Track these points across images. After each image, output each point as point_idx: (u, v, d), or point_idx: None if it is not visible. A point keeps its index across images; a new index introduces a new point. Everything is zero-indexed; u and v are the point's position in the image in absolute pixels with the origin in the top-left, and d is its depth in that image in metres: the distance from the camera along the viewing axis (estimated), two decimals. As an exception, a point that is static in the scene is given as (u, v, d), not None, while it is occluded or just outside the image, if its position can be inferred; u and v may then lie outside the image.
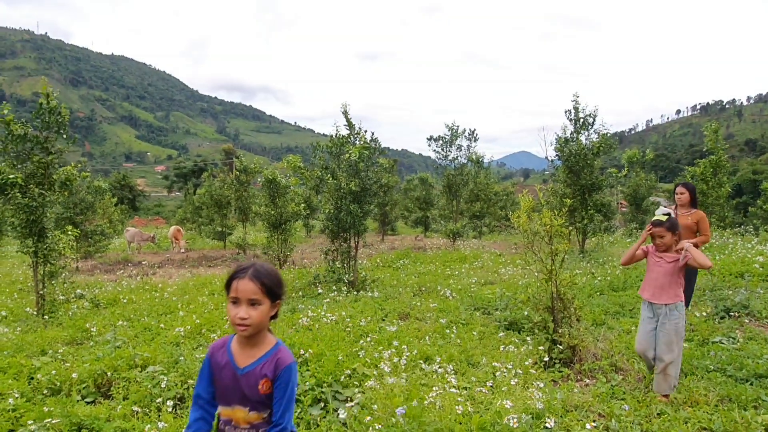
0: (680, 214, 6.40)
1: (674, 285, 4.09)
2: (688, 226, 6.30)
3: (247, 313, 1.84)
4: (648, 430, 3.47)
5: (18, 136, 7.98)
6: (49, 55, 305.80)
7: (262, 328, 1.90)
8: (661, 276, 4.11)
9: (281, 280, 1.93)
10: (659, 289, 4.11)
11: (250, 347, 1.92)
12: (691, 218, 6.34)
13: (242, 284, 1.86)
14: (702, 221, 6.30)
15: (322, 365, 4.54)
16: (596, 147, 12.56)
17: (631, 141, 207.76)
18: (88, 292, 9.84)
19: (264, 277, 1.87)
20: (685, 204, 6.44)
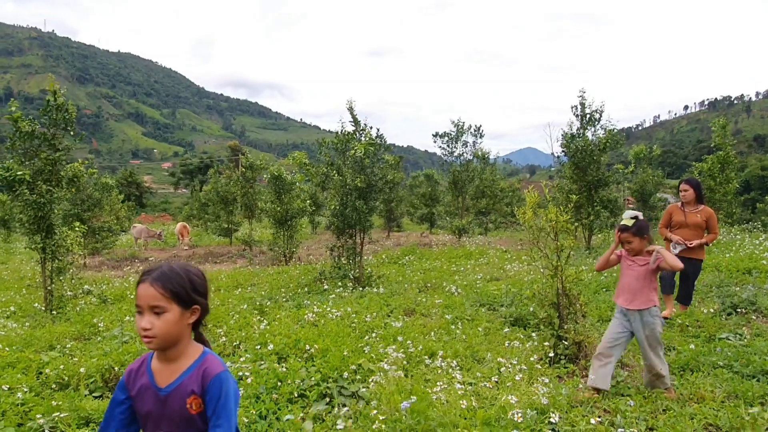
0: (688, 212, 6.35)
1: (647, 289, 3.99)
2: (698, 224, 6.24)
3: (149, 323, 1.59)
4: (653, 426, 3.47)
5: (26, 133, 8.04)
6: (56, 52, 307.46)
7: (176, 339, 1.64)
8: (633, 280, 4.02)
9: (195, 281, 1.68)
10: (632, 294, 4.02)
11: (169, 362, 1.66)
12: (700, 216, 6.26)
13: (142, 289, 1.62)
14: (711, 218, 6.24)
15: (328, 360, 4.55)
16: (603, 143, 12.51)
17: (638, 137, 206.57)
18: (96, 288, 9.90)
19: (167, 281, 1.62)
20: (691, 201, 6.35)
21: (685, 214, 6.38)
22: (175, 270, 1.66)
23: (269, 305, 7.55)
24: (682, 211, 6.43)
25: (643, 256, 4.01)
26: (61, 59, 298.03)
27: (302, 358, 4.81)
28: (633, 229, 3.96)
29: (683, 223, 6.35)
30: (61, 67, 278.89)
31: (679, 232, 6.36)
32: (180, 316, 1.62)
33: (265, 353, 4.88)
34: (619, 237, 4.03)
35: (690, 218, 6.33)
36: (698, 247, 6.28)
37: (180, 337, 1.64)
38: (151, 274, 1.63)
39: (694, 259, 6.32)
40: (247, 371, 4.33)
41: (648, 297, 3.98)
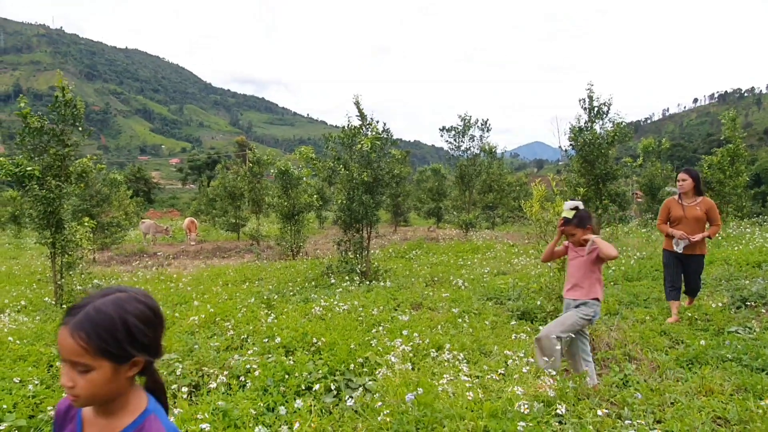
0: (686, 204, 5.96)
1: (588, 280, 3.88)
2: (698, 217, 5.86)
3: (71, 380, 1.20)
4: (661, 419, 3.46)
5: (35, 128, 8.10)
6: (65, 49, 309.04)
7: (109, 398, 1.25)
8: (575, 271, 3.95)
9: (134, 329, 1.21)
10: (574, 285, 3.95)
11: (105, 416, 1.28)
12: (699, 207, 5.89)
13: (61, 337, 1.20)
14: (712, 210, 5.88)
15: (335, 354, 4.58)
16: (611, 136, 12.42)
17: (647, 130, 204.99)
18: (105, 283, 9.98)
19: (93, 331, 1.18)
20: (688, 192, 5.98)
21: (684, 208, 5.99)
22: (105, 313, 1.20)
23: (277, 299, 7.59)
24: (680, 204, 6.04)
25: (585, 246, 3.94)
26: (69, 56, 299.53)
27: (309, 352, 4.83)
28: (575, 221, 3.88)
29: (682, 217, 5.96)
30: (70, 63, 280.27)
31: (679, 227, 5.98)
32: (112, 374, 1.21)
33: (272, 346, 4.90)
34: (562, 230, 3.95)
35: (689, 212, 5.94)
36: (700, 242, 5.91)
37: (116, 394, 1.25)
38: (74, 317, 1.20)
39: (696, 255, 5.99)
40: (255, 364, 4.36)
41: (590, 288, 3.89)
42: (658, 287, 7.39)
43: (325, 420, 3.51)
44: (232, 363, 4.52)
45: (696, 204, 5.93)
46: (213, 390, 3.98)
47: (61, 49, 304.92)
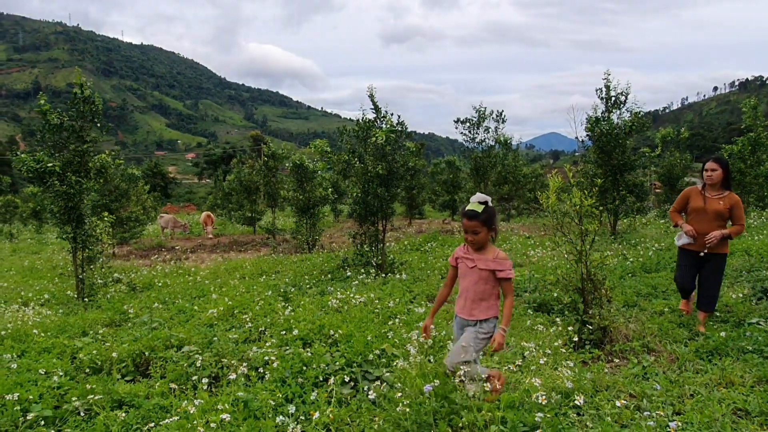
0: (710, 196, 5.30)
1: (486, 295, 3.34)
2: (719, 212, 5.18)
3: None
4: (681, 411, 3.43)
5: (54, 125, 8.24)
6: (82, 46, 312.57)
7: None
8: (472, 285, 3.35)
9: None
10: (470, 301, 3.37)
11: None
12: (723, 202, 5.19)
13: None
14: (737, 207, 5.19)
15: (352, 346, 4.61)
16: (628, 126, 12.26)
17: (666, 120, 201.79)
18: (125, 277, 10.14)
19: None
20: (717, 184, 5.28)
21: (705, 200, 5.30)
22: None
23: (293, 292, 7.65)
24: (702, 195, 5.36)
25: (485, 253, 3.34)
26: (86, 53, 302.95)
27: (326, 344, 4.87)
28: (483, 216, 3.27)
29: (701, 209, 5.29)
30: (87, 60, 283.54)
31: (695, 220, 5.32)
32: None
33: (290, 338, 4.95)
34: (465, 224, 3.30)
35: (711, 205, 5.24)
36: (721, 241, 5.21)
37: None
38: None
39: (717, 254, 5.28)
40: (273, 356, 4.41)
41: (489, 304, 3.36)
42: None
43: (343, 411, 3.54)
44: (251, 355, 4.57)
45: (720, 198, 5.25)
46: (233, 381, 4.04)
47: (78, 47, 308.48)
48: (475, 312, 3.35)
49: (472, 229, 3.28)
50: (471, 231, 3.29)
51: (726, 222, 5.24)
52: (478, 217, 3.25)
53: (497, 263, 3.29)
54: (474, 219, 3.26)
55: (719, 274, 5.35)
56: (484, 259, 3.32)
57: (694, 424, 3.17)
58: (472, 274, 3.36)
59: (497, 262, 3.29)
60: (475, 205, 3.29)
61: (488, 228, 3.29)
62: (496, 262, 3.29)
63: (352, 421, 3.43)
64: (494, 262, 3.29)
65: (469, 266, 3.38)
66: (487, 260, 3.30)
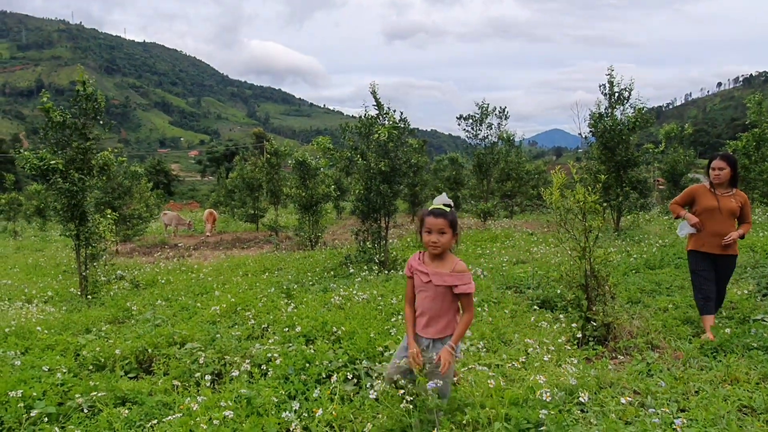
0: (721, 194, 5.05)
1: (447, 312, 3.01)
2: (733, 211, 4.97)
3: None
4: (685, 408, 3.42)
5: (57, 123, 8.25)
6: (84, 44, 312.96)
7: None
8: (430, 302, 3.00)
9: None
10: (430, 319, 3.03)
11: None
12: (735, 200, 4.98)
13: None
14: (746, 205, 5.03)
15: (355, 343, 4.60)
16: (632, 122, 12.21)
17: (669, 116, 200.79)
18: (128, 274, 10.16)
19: None
20: (724, 182, 5.05)
21: (718, 198, 5.02)
22: None
23: (296, 289, 7.65)
24: (713, 194, 5.08)
25: (443, 263, 2.99)
26: (89, 51, 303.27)
27: (329, 340, 4.86)
28: (451, 216, 2.94)
29: (714, 209, 5.00)
30: (89, 58, 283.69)
31: (709, 220, 5.04)
32: None
33: (293, 335, 4.95)
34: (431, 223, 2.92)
35: (724, 203, 4.98)
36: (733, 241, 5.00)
37: None
38: None
39: (730, 256, 5.12)
40: (276, 353, 4.40)
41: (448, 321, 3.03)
42: (681, 275, 7.28)
43: (345, 408, 3.54)
44: (254, 352, 4.57)
45: (731, 195, 5.01)
46: (235, 378, 4.03)
47: (81, 44, 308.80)
48: (432, 331, 3.03)
49: (439, 229, 2.90)
50: (437, 231, 2.90)
51: (736, 221, 5.05)
52: (446, 216, 2.91)
53: (455, 277, 2.92)
54: (441, 217, 2.91)
55: (730, 274, 5.24)
56: (440, 274, 2.95)
57: (699, 421, 3.15)
58: (427, 289, 3.01)
59: (455, 276, 2.93)
60: (440, 205, 2.97)
61: (453, 231, 2.95)
62: (454, 276, 2.93)
63: (355, 418, 3.43)
64: (451, 276, 2.93)
65: (424, 281, 3.01)
66: (443, 275, 2.94)
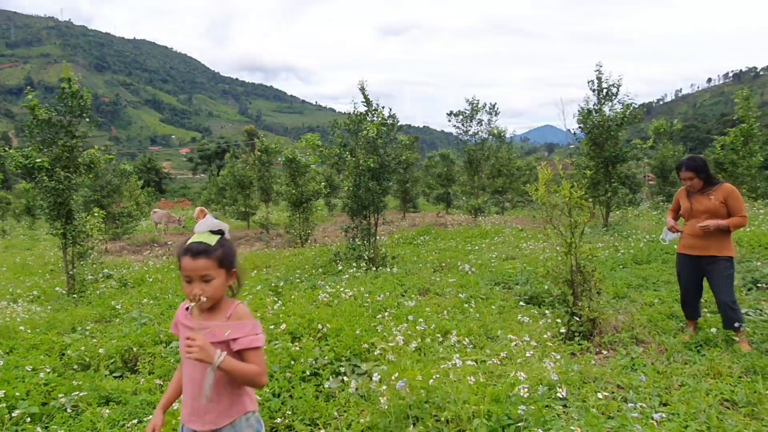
0: (696, 196, 4.67)
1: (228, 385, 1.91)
2: (711, 210, 4.52)
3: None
4: (667, 402, 3.44)
5: (43, 120, 8.17)
6: (74, 41, 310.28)
7: None
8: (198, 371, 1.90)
9: None
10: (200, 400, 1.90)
11: None
12: (714, 197, 4.53)
13: None
14: (732, 197, 4.46)
15: (341, 340, 4.60)
16: (620, 118, 12.27)
17: (660, 112, 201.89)
18: (116, 272, 10.09)
19: None
20: (698, 188, 4.64)
21: (691, 200, 4.70)
22: None
23: (284, 286, 7.63)
24: (688, 195, 4.79)
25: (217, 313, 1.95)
26: (78, 48, 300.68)
27: (315, 338, 4.85)
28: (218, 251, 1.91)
29: (688, 209, 4.72)
30: (79, 55, 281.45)
31: (688, 223, 4.75)
32: None
33: (278, 333, 4.94)
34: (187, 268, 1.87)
35: (698, 204, 4.61)
36: (713, 238, 4.50)
37: None
38: None
39: (711, 258, 4.54)
40: (262, 350, 4.39)
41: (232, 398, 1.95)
42: (668, 270, 7.33)
43: (330, 405, 3.53)
44: (239, 350, 4.55)
45: (711, 193, 4.56)
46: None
47: (71, 42, 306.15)
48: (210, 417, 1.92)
49: (201, 276, 1.87)
50: (199, 278, 1.87)
51: (726, 217, 4.50)
52: (211, 254, 1.89)
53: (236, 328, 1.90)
54: (203, 256, 1.87)
55: (725, 278, 4.51)
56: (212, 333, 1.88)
57: (680, 414, 3.18)
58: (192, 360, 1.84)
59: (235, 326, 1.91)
60: (205, 236, 1.94)
61: (227, 270, 1.94)
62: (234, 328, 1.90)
63: (339, 415, 3.42)
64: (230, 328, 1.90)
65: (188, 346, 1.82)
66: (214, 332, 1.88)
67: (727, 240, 4.52)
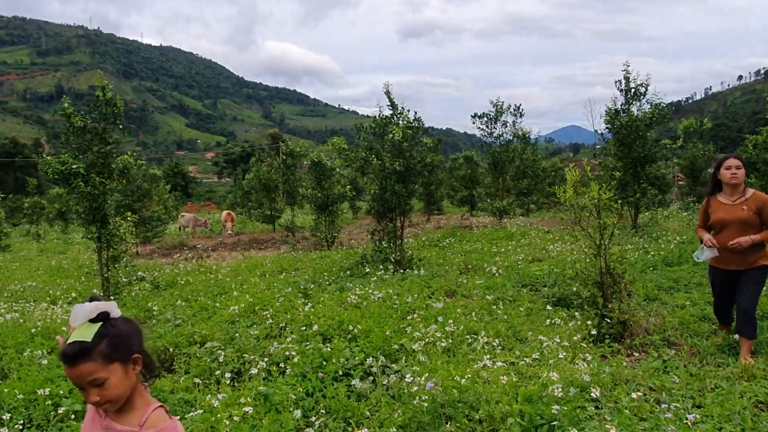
0: (729, 202, 4.27)
1: None
2: (745, 220, 4.19)
3: None
4: (701, 404, 3.42)
5: (78, 128, 8.43)
6: (103, 49, 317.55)
7: None
8: None
9: None
10: None
11: None
12: (747, 207, 4.19)
13: None
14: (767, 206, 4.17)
15: (371, 341, 4.67)
16: (649, 118, 12.10)
17: (689, 110, 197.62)
18: (148, 275, 10.34)
19: None
20: (742, 182, 4.27)
21: (724, 208, 4.32)
22: None
23: (313, 288, 7.74)
24: (720, 202, 4.39)
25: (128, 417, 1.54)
26: (107, 55, 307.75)
27: (346, 339, 4.93)
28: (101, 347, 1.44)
29: (722, 221, 4.33)
30: (108, 63, 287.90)
31: (720, 235, 4.36)
32: None
33: (310, 334, 5.03)
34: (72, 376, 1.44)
35: (733, 214, 4.23)
36: (747, 252, 4.20)
37: None
38: None
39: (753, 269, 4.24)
40: (294, 351, 4.48)
41: None
42: (699, 272, 7.22)
43: (362, 405, 3.60)
44: (272, 350, 4.66)
45: (743, 201, 4.21)
46: (254, 376, 4.12)
47: (100, 49, 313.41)
48: None
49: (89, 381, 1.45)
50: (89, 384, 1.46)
51: (758, 229, 4.20)
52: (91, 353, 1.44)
53: None
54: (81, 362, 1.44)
55: (753, 290, 4.24)
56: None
57: (714, 417, 3.16)
58: None
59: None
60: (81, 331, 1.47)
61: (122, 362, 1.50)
62: None
63: (371, 415, 3.49)
64: None
65: None
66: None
67: (762, 251, 4.24)
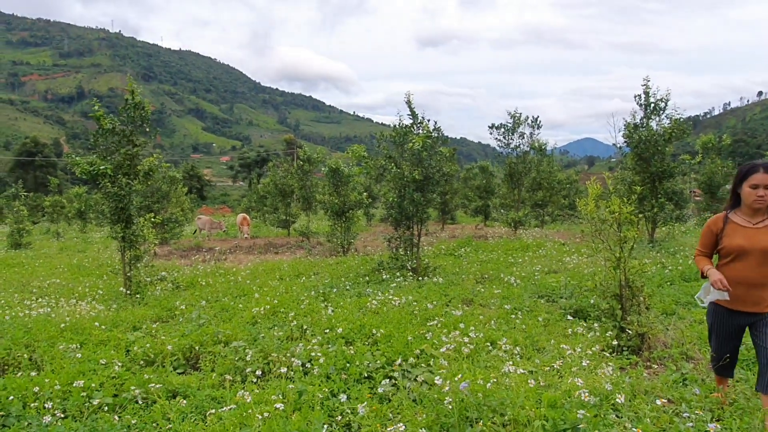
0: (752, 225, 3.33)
1: None
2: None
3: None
4: (720, 417, 3.47)
5: (107, 130, 8.67)
6: (123, 52, 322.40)
7: None
8: None
9: None
10: None
11: None
12: None
13: None
14: None
15: (392, 345, 4.77)
16: (668, 133, 12.11)
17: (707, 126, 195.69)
18: (169, 275, 10.53)
19: None
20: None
21: (744, 232, 3.36)
22: None
23: (333, 293, 7.85)
24: (738, 225, 3.40)
25: None
26: (127, 58, 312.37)
27: (368, 343, 5.04)
28: None
29: (740, 249, 3.34)
30: (128, 66, 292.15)
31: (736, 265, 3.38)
32: None
33: (332, 337, 5.14)
34: None
35: (753, 240, 3.30)
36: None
37: None
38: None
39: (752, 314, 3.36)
40: (318, 353, 4.60)
41: None
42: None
43: (385, 407, 3.69)
44: (297, 351, 4.77)
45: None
46: (282, 375, 4.24)
47: (120, 52, 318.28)
48: None
49: None
50: None
51: None
52: None
53: None
54: None
55: None
56: None
57: (733, 429, 3.21)
58: None
59: None
60: None
61: None
62: None
63: (393, 417, 3.58)
64: None
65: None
66: None
67: None
